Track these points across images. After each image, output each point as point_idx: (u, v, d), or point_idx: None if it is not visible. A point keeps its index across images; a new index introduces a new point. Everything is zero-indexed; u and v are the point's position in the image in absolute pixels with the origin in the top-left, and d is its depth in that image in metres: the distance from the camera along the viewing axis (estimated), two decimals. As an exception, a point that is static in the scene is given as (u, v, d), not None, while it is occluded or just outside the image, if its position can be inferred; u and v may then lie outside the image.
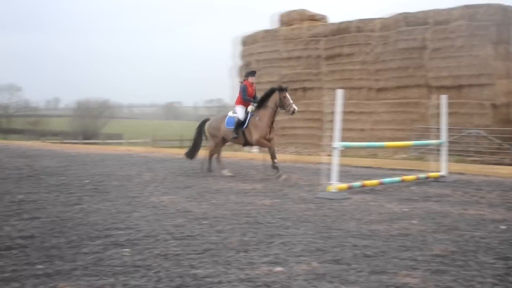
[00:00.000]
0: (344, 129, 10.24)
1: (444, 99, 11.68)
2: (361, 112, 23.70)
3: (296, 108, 11.97)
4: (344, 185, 9.19)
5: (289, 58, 27.21)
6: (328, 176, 9.16)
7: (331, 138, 9.44)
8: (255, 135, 12.07)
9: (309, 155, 20.83)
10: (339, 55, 25.37)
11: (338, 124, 9.39)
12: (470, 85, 21.12)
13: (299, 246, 5.48)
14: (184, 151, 14.88)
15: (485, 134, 18.90)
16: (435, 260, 5.00)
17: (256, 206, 8.08)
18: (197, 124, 13.87)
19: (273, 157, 12.03)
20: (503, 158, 16.73)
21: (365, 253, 5.23)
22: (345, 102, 10.71)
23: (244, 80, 12.73)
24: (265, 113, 12.05)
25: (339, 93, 9.40)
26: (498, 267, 4.81)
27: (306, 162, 16.68)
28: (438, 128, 11.82)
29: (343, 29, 25.86)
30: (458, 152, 16.78)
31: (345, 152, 10.11)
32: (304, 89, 26.38)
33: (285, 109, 12.00)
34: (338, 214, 7.44)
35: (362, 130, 23.29)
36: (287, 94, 11.99)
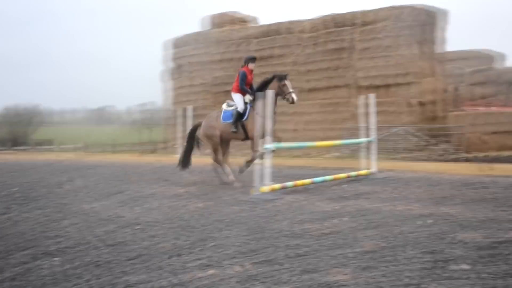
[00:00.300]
0: (277, 130, 10.35)
1: (372, 98, 11.93)
2: (294, 113, 23.92)
3: (296, 97, 10.98)
4: (276, 186, 9.25)
5: (221, 60, 27.23)
6: (261, 177, 9.21)
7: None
8: (255, 129, 10.73)
9: (242, 156, 20.84)
10: (271, 56, 25.57)
11: (269, 125, 9.45)
12: (398, 84, 21.70)
13: (232, 248, 5.49)
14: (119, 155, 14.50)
15: (413, 131, 19.44)
16: (365, 256, 5.10)
17: (190, 209, 8.05)
18: (130, 129, 13.35)
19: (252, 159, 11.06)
20: (431, 154, 17.23)
21: (297, 252, 5.28)
22: (277, 103, 10.79)
23: (243, 66, 11.50)
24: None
25: (269, 94, 9.47)
26: (426, 261, 4.94)
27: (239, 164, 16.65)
28: (368, 127, 12.07)
29: (273, 31, 26.09)
30: (387, 150, 17.18)
31: (278, 152, 10.18)
32: (226, 92, 26.47)
33: (284, 98, 11.06)
34: (270, 214, 7.48)
35: (294, 130, 23.55)
36: (287, 82, 11.03)
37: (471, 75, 29.69)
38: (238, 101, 11.32)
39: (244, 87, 11.30)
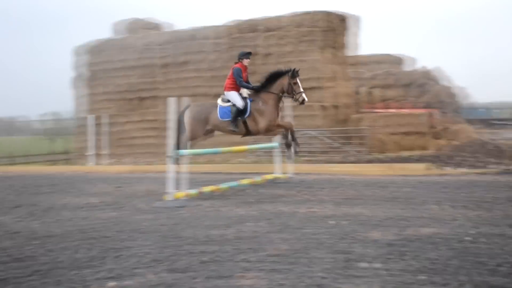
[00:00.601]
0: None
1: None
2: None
3: (306, 98, 10.34)
4: (181, 193, 9.16)
5: (134, 67, 26.66)
6: (174, 184, 9.10)
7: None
8: (262, 122, 10.44)
9: (147, 164, 20.58)
10: (174, 63, 25.36)
11: (173, 133, 9.35)
12: (305, 89, 22.03)
13: (134, 258, 5.36)
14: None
15: (316, 135, 19.84)
16: (268, 260, 5.12)
17: (91, 220, 7.80)
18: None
19: (292, 134, 10.66)
20: (334, 157, 17.64)
21: (201, 259, 5.23)
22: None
23: (237, 63, 10.82)
24: (269, 97, 10.48)
25: (172, 101, 9.37)
26: (327, 261, 5.03)
27: (144, 172, 16.46)
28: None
29: (177, 37, 25.89)
30: (300, 153, 17.37)
31: (191, 159, 10.08)
32: (141, 99, 26.04)
33: (293, 97, 10.38)
34: (175, 222, 7.38)
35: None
36: (298, 80, 10.37)
37: (376, 78, 30.66)
38: (234, 98, 10.56)
39: (244, 83, 10.65)
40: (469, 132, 22.96)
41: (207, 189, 9.86)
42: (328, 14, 23.29)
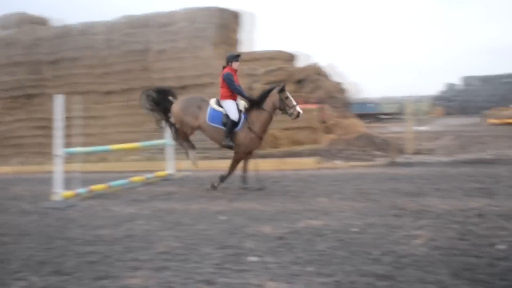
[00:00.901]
0: (72, 135, 9.92)
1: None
2: (91, 117, 23.13)
3: (301, 111, 9.67)
4: (70, 193, 8.88)
5: (10, 64, 25.52)
6: (59, 183, 8.78)
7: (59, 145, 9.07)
8: (240, 147, 9.74)
9: (36, 164, 19.80)
10: (64, 59, 24.55)
11: (60, 131, 9.04)
12: (195, 85, 21.91)
13: (17, 262, 5.14)
14: None
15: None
16: (158, 258, 5.09)
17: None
18: None
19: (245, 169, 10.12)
20: (227, 152, 17.65)
21: (89, 259, 5.11)
22: (73, 108, 10.30)
23: (226, 67, 9.95)
24: (259, 119, 9.67)
25: (58, 99, 9.05)
26: (217, 256, 5.06)
27: (32, 172, 15.85)
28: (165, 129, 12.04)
29: (67, 33, 25.05)
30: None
31: (74, 158, 9.76)
32: (28, 96, 25.01)
33: (286, 112, 9.64)
34: (62, 223, 7.15)
35: (92, 135, 22.75)
36: (289, 94, 9.79)
37: (269, 74, 31.03)
38: (230, 108, 9.69)
39: (240, 89, 9.86)
40: (359, 127, 23.74)
41: (97, 187, 9.64)
42: (221, 10, 23.34)
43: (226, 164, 14.26)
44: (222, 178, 10.02)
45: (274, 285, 4.23)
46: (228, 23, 23.84)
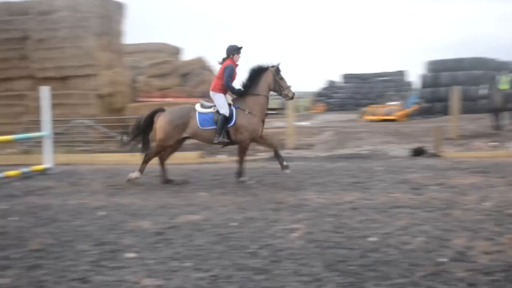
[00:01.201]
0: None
1: (46, 91, 11.53)
2: (-38, 108, 21.93)
3: (294, 92, 9.35)
4: None
5: None
6: None
7: None
8: (246, 133, 9.15)
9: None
10: None
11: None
12: (76, 76, 21.28)
13: None
14: None
15: (92, 124, 19.31)
16: (31, 256, 4.93)
17: None
18: None
19: (279, 156, 9.60)
20: (109, 146, 17.32)
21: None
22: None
23: (227, 59, 9.25)
24: (256, 102, 9.20)
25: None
26: (93, 253, 4.98)
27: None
28: (43, 121, 11.62)
29: None
30: (66, 143, 16.74)
31: None
32: None
33: (280, 94, 9.28)
34: None
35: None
36: (283, 75, 9.27)
37: (153, 67, 30.69)
38: (221, 103, 9.09)
39: (231, 85, 9.18)
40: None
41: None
42: (104, 0, 22.81)
43: (107, 158, 14.12)
44: (239, 174, 9.56)
45: (151, 281, 4.22)
46: (111, 14, 23.32)
